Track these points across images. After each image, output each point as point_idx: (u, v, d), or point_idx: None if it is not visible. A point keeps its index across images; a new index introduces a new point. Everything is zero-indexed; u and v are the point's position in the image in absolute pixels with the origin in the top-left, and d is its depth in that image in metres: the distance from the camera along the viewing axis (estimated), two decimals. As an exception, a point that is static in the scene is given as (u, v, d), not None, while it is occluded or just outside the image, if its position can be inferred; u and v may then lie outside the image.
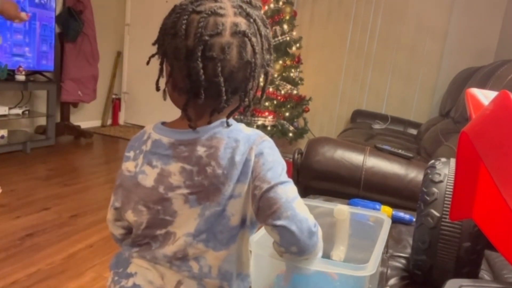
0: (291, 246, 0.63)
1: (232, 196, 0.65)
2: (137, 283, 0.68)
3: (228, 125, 0.67)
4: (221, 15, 0.63)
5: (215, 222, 0.66)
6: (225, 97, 0.64)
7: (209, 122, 0.66)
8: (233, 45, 0.63)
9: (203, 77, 0.62)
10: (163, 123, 0.73)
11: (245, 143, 0.65)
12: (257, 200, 0.64)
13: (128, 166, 0.71)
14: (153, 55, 0.69)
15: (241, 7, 0.65)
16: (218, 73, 0.62)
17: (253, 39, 0.64)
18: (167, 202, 0.66)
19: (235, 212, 0.66)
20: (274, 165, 0.66)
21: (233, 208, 0.66)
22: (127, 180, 0.70)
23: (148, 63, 0.70)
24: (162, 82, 0.71)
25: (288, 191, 0.64)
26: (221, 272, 0.68)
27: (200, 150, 0.65)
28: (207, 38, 0.61)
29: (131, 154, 0.72)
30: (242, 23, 0.64)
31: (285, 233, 0.62)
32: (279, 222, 0.62)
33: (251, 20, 0.65)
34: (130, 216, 0.70)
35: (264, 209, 0.63)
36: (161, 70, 0.69)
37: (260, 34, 0.66)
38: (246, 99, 0.67)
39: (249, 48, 0.64)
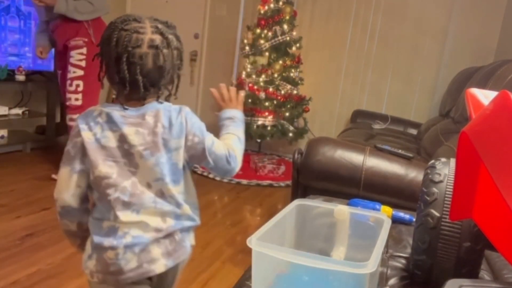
0: (219, 174, 1.02)
1: (176, 148, 0.92)
2: (134, 234, 0.89)
3: (161, 103, 0.95)
4: (141, 33, 0.89)
5: (170, 167, 0.92)
6: (143, 90, 0.90)
7: (142, 104, 0.93)
8: (149, 55, 0.89)
9: (127, 75, 0.87)
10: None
11: (175, 111, 0.95)
12: (190, 148, 0.95)
13: (87, 135, 0.90)
14: (96, 55, 0.93)
15: (157, 27, 0.91)
16: (137, 73, 0.88)
17: (164, 50, 0.90)
18: (131, 156, 0.90)
19: (180, 158, 0.93)
20: (199, 125, 0.98)
21: (177, 156, 0.93)
22: (91, 144, 0.90)
23: (93, 59, 0.97)
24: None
25: (209, 141, 0.97)
26: (187, 201, 0.96)
27: (149, 118, 0.91)
28: (130, 49, 0.87)
29: (85, 126, 0.91)
30: (157, 39, 0.90)
31: (213, 170, 0.99)
32: (209, 165, 0.97)
33: (164, 37, 0.91)
34: (102, 170, 0.89)
35: (196, 155, 0.96)
36: (101, 67, 0.92)
37: (171, 47, 0.92)
38: (160, 92, 0.94)
39: (161, 57, 0.90)
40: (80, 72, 2.65)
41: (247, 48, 3.71)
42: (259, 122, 3.62)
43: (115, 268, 0.89)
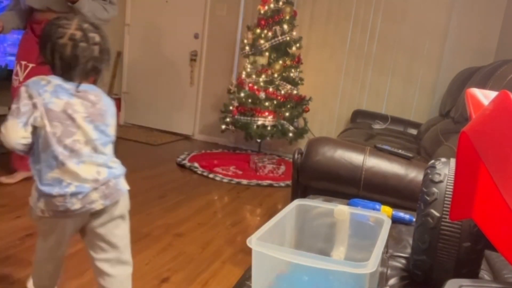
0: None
1: (109, 125, 1.25)
2: (77, 184, 1.15)
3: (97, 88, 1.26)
4: (66, 28, 1.17)
5: (102, 134, 1.22)
6: (61, 71, 1.18)
7: (80, 83, 1.20)
8: (68, 45, 1.17)
9: (50, 59, 1.18)
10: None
11: (108, 98, 1.27)
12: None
13: (38, 99, 1.13)
14: (37, 42, 1.20)
15: (81, 26, 1.19)
16: (57, 58, 1.17)
17: (81, 44, 1.18)
18: (73, 119, 1.16)
19: (111, 132, 1.26)
20: None
21: (109, 130, 1.25)
22: (40, 107, 1.13)
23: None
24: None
25: None
26: (113, 156, 1.26)
27: (92, 96, 1.22)
28: (54, 39, 1.16)
29: (36, 92, 1.14)
30: (78, 34, 1.18)
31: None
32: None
33: (84, 33, 1.18)
34: (48, 129, 1.13)
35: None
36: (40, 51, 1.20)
37: (88, 43, 1.19)
38: (78, 75, 1.20)
39: (79, 48, 1.17)
40: None
41: (247, 48, 3.71)
42: (259, 122, 3.62)
43: (63, 208, 1.15)
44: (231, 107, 3.73)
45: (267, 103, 3.62)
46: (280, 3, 3.63)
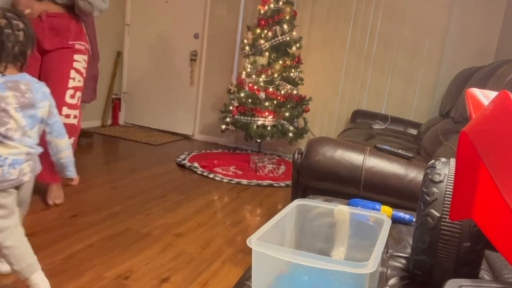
0: (52, 135, 1.54)
1: (41, 107, 1.42)
2: (13, 158, 1.35)
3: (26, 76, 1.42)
4: None
5: (32, 118, 1.40)
6: None
7: (5, 70, 1.35)
8: None
9: None
10: None
11: (39, 83, 1.44)
12: (49, 112, 1.48)
13: None
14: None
15: (5, 14, 1.35)
16: None
17: (6, 30, 1.34)
18: (6, 111, 1.33)
19: (41, 114, 1.43)
20: (52, 98, 1.50)
21: (41, 111, 1.43)
22: None
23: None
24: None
25: (56, 110, 1.53)
26: (37, 141, 1.44)
27: (22, 86, 1.37)
28: None
29: None
30: (3, 22, 1.34)
31: (50, 127, 1.51)
32: (50, 121, 1.50)
33: (9, 21, 1.34)
34: None
35: (50, 116, 1.49)
36: None
37: (13, 29, 1.35)
38: (6, 59, 1.35)
39: (4, 34, 1.33)
40: (81, 83, 2.36)
41: (247, 48, 3.71)
42: (259, 122, 3.62)
43: (2, 178, 1.34)
44: (231, 107, 3.73)
45: (267, 103, 3.62)
46: (280, 3, 3.64)
